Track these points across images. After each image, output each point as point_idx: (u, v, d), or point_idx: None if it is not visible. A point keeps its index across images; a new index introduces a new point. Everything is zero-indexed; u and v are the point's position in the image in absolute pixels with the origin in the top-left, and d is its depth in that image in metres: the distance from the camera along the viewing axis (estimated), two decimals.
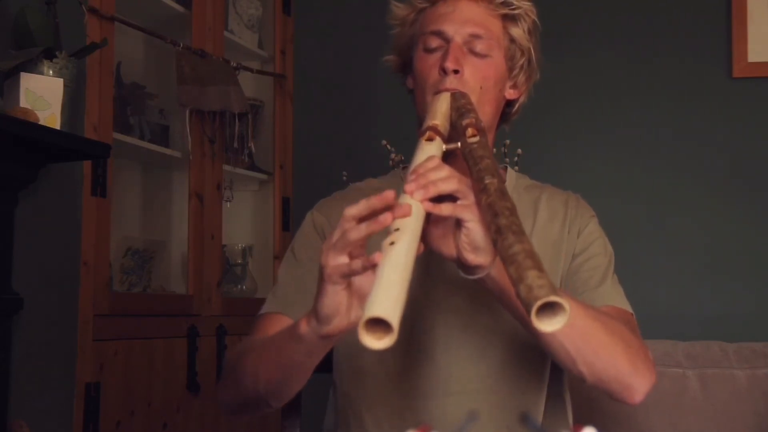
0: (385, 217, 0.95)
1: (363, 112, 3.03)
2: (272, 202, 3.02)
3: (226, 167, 2.76)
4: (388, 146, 2.63)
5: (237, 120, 2.75)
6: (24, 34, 1.88)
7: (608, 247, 1.38)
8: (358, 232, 0.97)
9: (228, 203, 2.85)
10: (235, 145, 2.76)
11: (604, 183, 2.71)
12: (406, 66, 1.41)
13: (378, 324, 0.84)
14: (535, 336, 1.18)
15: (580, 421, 1.32)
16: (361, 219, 0.98)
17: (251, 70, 2.92)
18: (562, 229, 1.37)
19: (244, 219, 3.05)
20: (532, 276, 0.85)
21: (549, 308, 0.84)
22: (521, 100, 1.42)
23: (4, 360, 1.84)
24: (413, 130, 1.39)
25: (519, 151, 2.50)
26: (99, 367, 2.18)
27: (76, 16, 2.14)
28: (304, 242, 1.41)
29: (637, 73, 2.78)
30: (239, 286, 2.91)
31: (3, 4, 1.90)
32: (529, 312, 0.83)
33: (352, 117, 3.05)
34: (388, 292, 0.86)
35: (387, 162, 2.57)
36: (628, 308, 1.33)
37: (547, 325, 0.84)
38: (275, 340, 1.17)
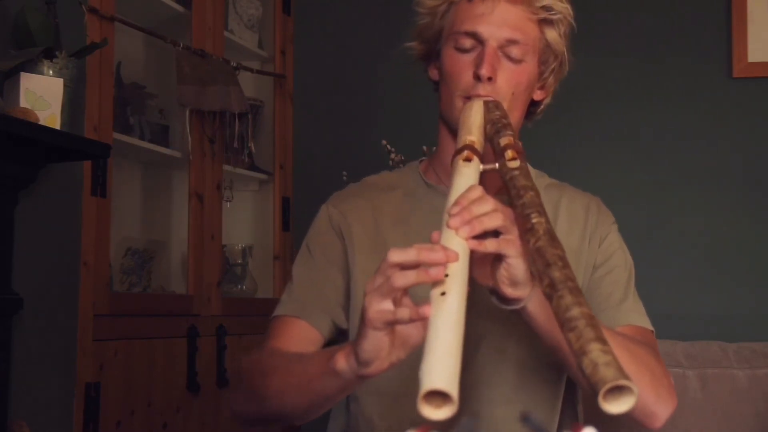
0: (438, 272, 0.90)
1: (363, 112, 3.03)
2: (272, 202, 3.02)
3: (226, 167, 2.76)
4: (388, 146, 2.63)
5: (237, 120, 2.75)
6: (24, 34, 1.88)
7: (628, 258, 1.36)
8: (406, 279, 0.92)
9: (228, 203, 2.85)
10: (235, 145, 2.76)
11: (603, 183, 2.69)
12: (431, 56, 1.37)
13: (435, 392, 0.81)
14: (563, 364, 1.17)
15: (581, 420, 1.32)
16: (404, 266, 0.93)
17: (251, 70, 2.92)
18: (582, 238, 1.34)
19: (244, 219, 3.05)
20: (596, 351, 0.80)
21: (615, 388, 0.78)
22: (547, 100, 1.39)
23: (4, 360, 1.84)
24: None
25: None
26: (99, 367, 2.18)
27: (76, 16, 2.14)
28: (320, 239, 1.37)
29: (637, 74, 2.78)
30: (239, 286, 2.91)
31: (3, 4, 1.90)
32: (595, 392, 0.79)
33: (352, 117, 3.05)
34: (445, 359, 0.83)
35: (387, 162, 2.57)
36: (649, 326, 1.31)
37: (612, 405, 0.80)
38: (307, 368, 1.12)
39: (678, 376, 2.22)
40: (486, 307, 1.22)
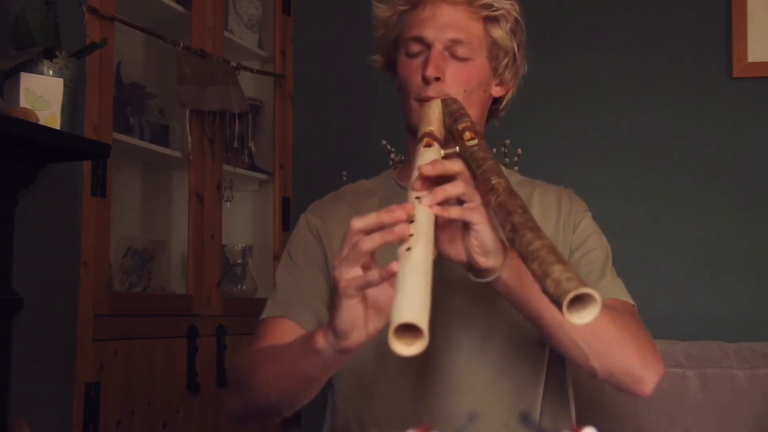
0: (402, 228, 0.93)
1: (363, 112, 3.03)
2: (272, 202, 3.02)
3: (226, 167, 2.76)
4: (388, 146, 2.63)
5: (237, 120, 2.75)
6: (24, 34, 1.88)
7: (604, 241, 1.38)
8: (372, 242, 0.95)
9: (228, 203, 2.85)
10: (235, 145, 2.76)
11: (603, 183, 2.71)
12: (392, 65, 1.41)
13: (406, 330, 0.83)
14: (546, 334, 1.18)
15: (580, 420, 1.32)
16: (368, 232, 0.96)
17: (251, 70, 2.92)
18: (556, 225, 1.37)
19: (244, 219, 3.05)
20: (558, 270, 0.84)
21: (578, 301, 0.83)
22: (508, 96, 1.42)
23: (4, 360, 1.84)
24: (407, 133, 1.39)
25: (519, 151, 2.51)
26: (99, 367, 2.18)
27: (76, 16, 2.14)
28: (301, 244, 1.40)
29: (637, 73, 2.78)
30: (239, 286, 2.91)
31: (3, 4, 1.90)
32: (559, 306, 0.83)
33: (352, 117, 3.05)
34: (414, 297, 0.85)
35: (387, 162, 2.57)
36: (630, 300, 1.33)
37: (578, 318, 0.83)
38: (288, 354, 1.15)
39: (678, 376, 2.22)
40: (469, 291, 1.23)
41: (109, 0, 2.27)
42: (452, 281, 1.26)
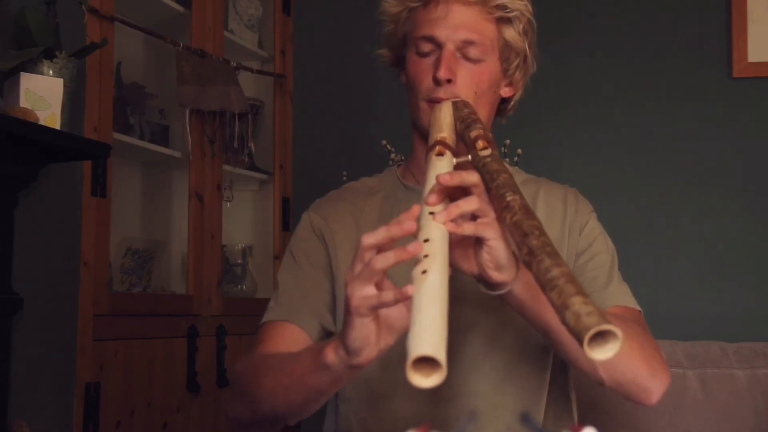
0: (416, 247, 0.92)
1: (363, 112, 3.03)
2: (272, 202, 3.02)
3: (226, 167, 2.76)
4: (388, 146, 2.63)
5: (237, 120, 2.75)
6: (24, 34, 1.88)
7: (610, 244, 1.38)
8: (386, 260, 0.93)
9: (228, 203, 2.85)
10: (235, 145, 2.76)
11: (603, 183, 2.71)
12: (399, 62, 1.39)
13: (424, 361, 0.82)
14: (554, 345, 1.18)
15: (580, 421, 1.32)
16: (380, 247, 0.94)
17: (251, 70, 2.92)
18: (562, 227, 1.36)
19: (244, 219, 3.05)
20: (578, 303, 0.82)
21: (598, 335, 0.81)
22: (517, 96, 1.40)
23: (4, 360, 1.84)
24: (411, 131, 1.39)
25: (519, 151, 2.51)
26: (99, 367, 2.18)
27: (76, 16, 2.14)
28: (303, 245, 1.39)
29: (637, 73, 2.78)
30: (239, 286, 2.91)
31: (3, 4, 1.90)
32: (580, 342, 0.81)
33: (352, 117, 3.05)
34: (431, 328, 0.84)
35: (387, 162, 2.57)
36: (637, 306, 1.32)
37: (598, 353, 0.81)
38: (296, 365, 1.13)
39: (678, 376, 2.22)
40: (476, 298, 1.23)
41: (109, 0, 2.27)
42: (459, 289, 1.25)
